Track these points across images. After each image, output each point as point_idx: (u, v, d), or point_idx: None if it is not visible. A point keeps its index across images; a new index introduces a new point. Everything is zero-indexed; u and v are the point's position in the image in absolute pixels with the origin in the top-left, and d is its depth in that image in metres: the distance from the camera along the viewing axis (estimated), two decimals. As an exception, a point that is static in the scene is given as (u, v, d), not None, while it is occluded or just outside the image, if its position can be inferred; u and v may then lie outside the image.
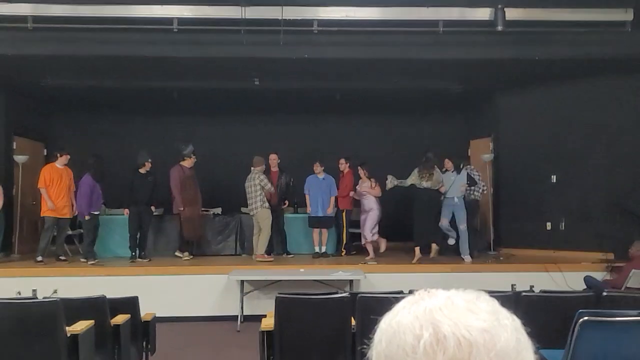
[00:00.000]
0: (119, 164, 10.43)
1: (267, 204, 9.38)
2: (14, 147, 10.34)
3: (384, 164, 10.19)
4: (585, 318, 3.46)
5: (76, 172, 9.55)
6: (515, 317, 0.78)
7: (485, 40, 8.16)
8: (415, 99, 11.42)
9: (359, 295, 4.19)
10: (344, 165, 9.94)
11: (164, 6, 7.62)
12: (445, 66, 8.88)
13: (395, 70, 9.29)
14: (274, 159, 10.11)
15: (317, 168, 9.95)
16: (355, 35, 8.05)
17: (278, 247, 9.99)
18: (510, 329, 0.75)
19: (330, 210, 9.76)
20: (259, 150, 10.02)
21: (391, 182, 9.20)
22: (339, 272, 7.87)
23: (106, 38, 7.98)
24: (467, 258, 9.18)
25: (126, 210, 9.50)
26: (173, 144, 10.20)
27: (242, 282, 7.89)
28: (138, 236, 9.41)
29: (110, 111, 11.82)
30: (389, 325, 0.78)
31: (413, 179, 9.13)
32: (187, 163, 9.76)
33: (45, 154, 11.35)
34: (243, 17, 7.51)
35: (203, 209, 10.34)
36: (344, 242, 9.94)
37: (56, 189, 9.26)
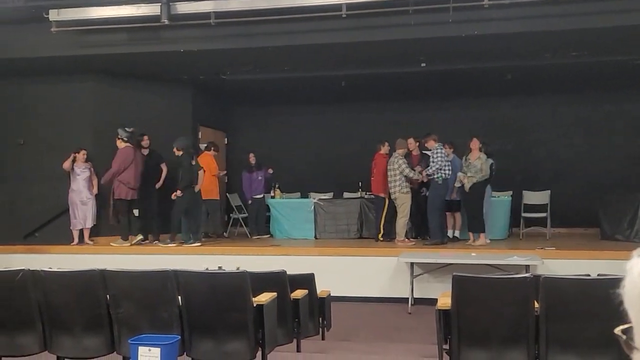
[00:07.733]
0: (293, 151, 10.86)
1: (406, 189, 9.31)
2: (199, 135, 11.30)
3: (555, 148, 9.55)
4: None
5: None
6: None
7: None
8: (594, 75, 10.53)
9: (543, 276, 3.95)
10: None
11: (334, -7, 7.78)
12: (633, 35, 8.06)
13: (573, 44, 8.63)
14: (412, 143, 9.99)
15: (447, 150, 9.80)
16: (529, 8, 7.59)
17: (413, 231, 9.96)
18: None
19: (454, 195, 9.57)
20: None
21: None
22: (514, 257, 7.53)
23: (279, 29, 8.34)
24: None
25: None
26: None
27: (412, 264, 7.86)
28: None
29: (282, 101, 12.39)
30: None
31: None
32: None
33: (226, 142, 12.33)
34: (411, -3, 7.43)
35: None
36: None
37: None
